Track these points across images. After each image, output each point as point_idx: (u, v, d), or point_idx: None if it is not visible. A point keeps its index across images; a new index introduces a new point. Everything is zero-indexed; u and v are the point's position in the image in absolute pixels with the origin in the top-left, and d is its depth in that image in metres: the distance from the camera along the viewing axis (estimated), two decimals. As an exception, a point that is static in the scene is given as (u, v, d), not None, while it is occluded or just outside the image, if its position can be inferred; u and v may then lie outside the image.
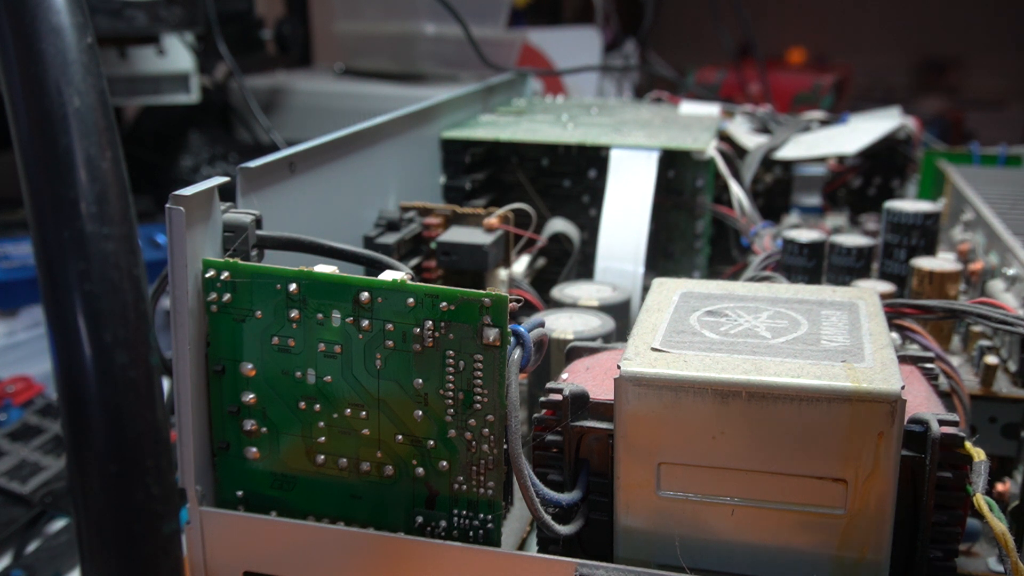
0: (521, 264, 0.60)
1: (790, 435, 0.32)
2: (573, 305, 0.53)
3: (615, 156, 0.63)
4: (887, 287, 0.54)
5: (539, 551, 0.38)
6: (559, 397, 0.36)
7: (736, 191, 0.65)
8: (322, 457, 0.38)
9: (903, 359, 0.39)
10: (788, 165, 0.77)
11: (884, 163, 0.78)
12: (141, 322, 0.26)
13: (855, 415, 0.32)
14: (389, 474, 0.37)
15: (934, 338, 0.45)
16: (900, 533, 0.33)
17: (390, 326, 0.36)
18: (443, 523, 0.37)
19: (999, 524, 0.32)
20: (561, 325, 0.50)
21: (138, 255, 0.27)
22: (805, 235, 0.57)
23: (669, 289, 0.41)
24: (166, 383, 0.39)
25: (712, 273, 0.68)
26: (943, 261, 0.55)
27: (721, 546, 0.34)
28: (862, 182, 0.78)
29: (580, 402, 0.36)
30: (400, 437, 0.37)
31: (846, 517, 0.33)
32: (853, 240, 0.57)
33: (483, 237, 0.53)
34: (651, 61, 1.69)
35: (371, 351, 0.36)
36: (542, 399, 0.37)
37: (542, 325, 0.37)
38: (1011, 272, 0.53)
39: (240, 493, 0.39)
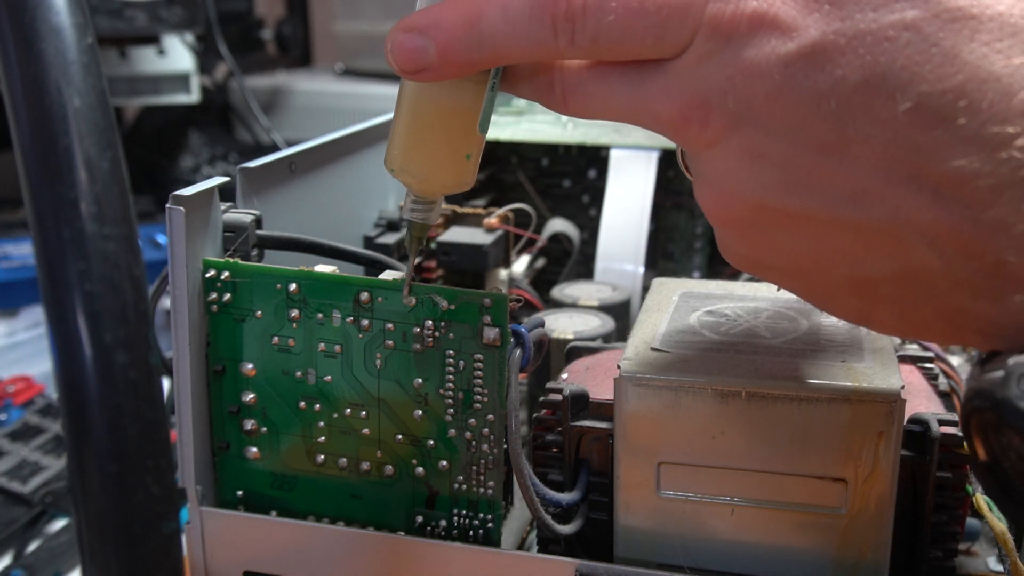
0: (521, 264, 0.60)
1: (790, 435, 0.32)
2: (573, 305, 0.53)
3: (615, 156, 0.63)
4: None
5: (539, 551, 0.38)
6: (559, 397, 0.36)
7: (736, 191, 0.65)
8: (322, 457, 0.38)
9: (903, 359, 0.39)
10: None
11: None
12: (141, 322, 0.26)
13: (855, 415, 0.32)
14: (389, 474, 0.37)
15: (934, 338, 0.45)
16: (900, 533, 0.33)
17: (390, 326, 0.36)
18: (443, 523, 0.37)
19: (999, 524, 0.32)
20: (561, 325, 0.50)
21: (138, 255, 0.27)
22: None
23: (669, 289, 0.41)
24: (166, 383, 0.39)
25: (712, 273, 0.68)
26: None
27: (721, 546, 0.34)
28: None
29: (580, 402, 0.36)
30: (400, 437, 0.37)
31: (846, 517, 0.33)
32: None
33: (483, 237, 0.53)
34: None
35: (371, 351, 0.36)
36: (542, 399, 0.37)
37: (542, 325, 0.37)
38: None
39: (240, 493, 0.39)
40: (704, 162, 0.28)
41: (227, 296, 0.37)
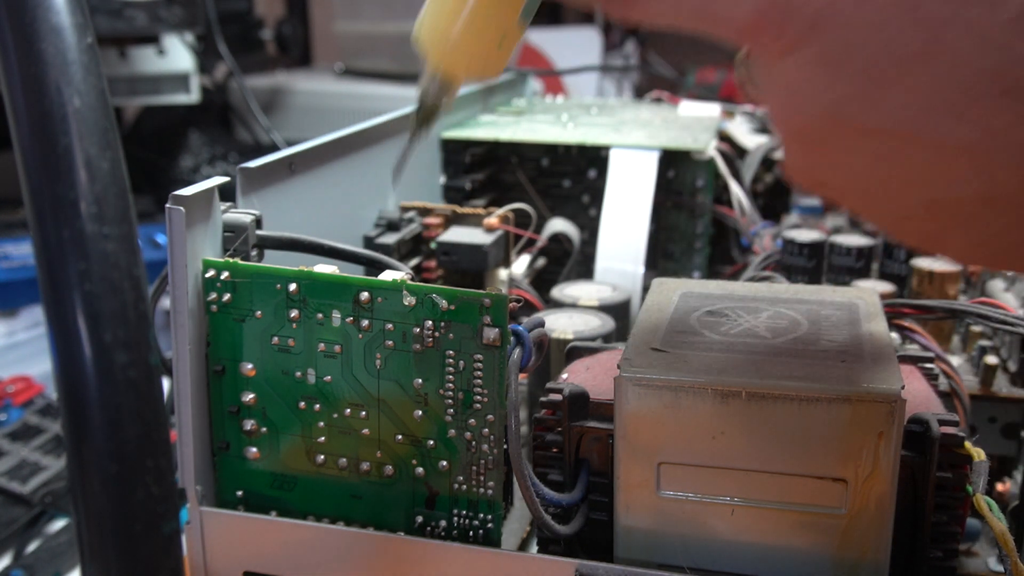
0: (521, 264, 0.60)
1: (790, 435, 0.32)
2: (573, 305, 0.53)
3: (615, 156, 0.63)
4: (887, 287, 0.54)
5: (539, 551, 0.38)
6: (559, 397, 0.36)
7: (736, 191, 0.65)
8: (322, 457, 0.38)
9: (903, 359, 0.39)
10: (788, 165, 0.76)
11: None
12: (141, 322, 0.26)
13: (855, 415, 0.32)
14: (389, 474, 0.37)
15: (934, 338, 0.45)
16: (900, 533, 0.33)
17: (390, 326, 0.36)
18: (443, 523, 0.37)
19: (999, 524, 0.32)
20: (561, 325, 0.50)
21: (138, 255, 0.27)
22: (805, 235, 0.57)
23: (669, 289, 0.41)
24: (166, 383, 0.39)
25: (712, 273, 0.68)
26: (943, 261, 0.55)
27: (721, 546, 0.34)
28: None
29: (580, 402, 0.36)
30: (400, 437, 0.37)
31: (846, 517, 0.33)
32: (853, 240, 0.57)
33: (483, 237, 0.53)
34: (651, 61, 1.68)
35: (371, 351, 0.36)
36: (542, 399, 0.37)
37: (542, 325, 0.37)
38: (1011, 272, 0.53)
39: (240, 493, 0.39)
40: (777, 72, 0.26)
41: (227, 296, 0.37)
